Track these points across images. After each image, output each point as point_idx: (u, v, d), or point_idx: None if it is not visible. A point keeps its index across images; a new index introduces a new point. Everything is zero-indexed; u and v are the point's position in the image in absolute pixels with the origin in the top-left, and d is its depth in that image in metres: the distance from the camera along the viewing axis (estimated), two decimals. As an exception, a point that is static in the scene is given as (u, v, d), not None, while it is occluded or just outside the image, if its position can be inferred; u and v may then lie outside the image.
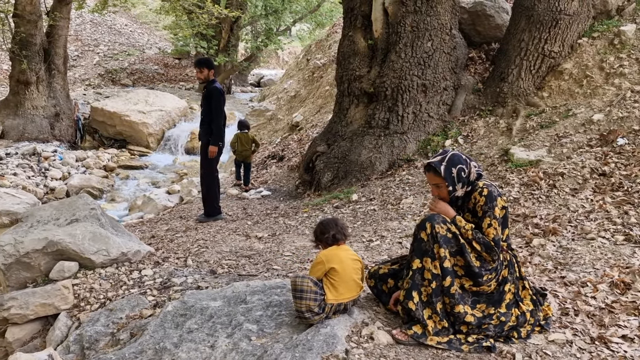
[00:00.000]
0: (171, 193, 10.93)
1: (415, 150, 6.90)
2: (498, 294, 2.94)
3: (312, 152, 7.99)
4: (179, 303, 3.35)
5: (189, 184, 11.12)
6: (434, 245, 2.85)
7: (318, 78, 12.29)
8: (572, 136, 5.55)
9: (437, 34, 6.98)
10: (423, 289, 2.88)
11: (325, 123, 10.49)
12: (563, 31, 6.58)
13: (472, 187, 2.96)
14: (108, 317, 3.65)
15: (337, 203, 6.26)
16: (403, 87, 6.99)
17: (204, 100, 6.16)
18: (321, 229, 3.10)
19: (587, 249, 3.89)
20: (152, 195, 10.35)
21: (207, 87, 6.11)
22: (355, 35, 7.50)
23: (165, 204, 10.06)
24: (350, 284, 3.01)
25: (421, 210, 5.31)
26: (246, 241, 5.30)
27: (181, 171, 13.90)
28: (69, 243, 4.21)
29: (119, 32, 30.68)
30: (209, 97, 6.08)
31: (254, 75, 30.34)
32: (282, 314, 3.16)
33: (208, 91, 6.10)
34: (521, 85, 6.74)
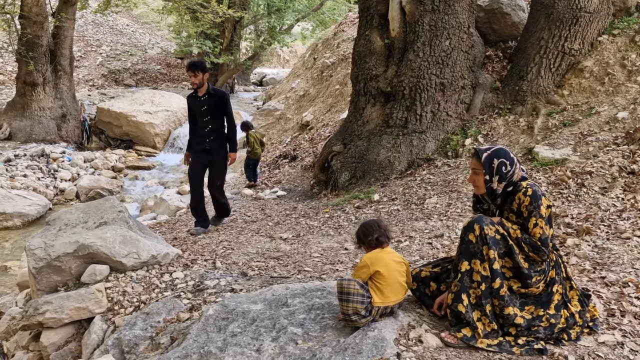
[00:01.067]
0: (182, 194, 10.89)
1: (434, 149, 6.87)
2: (546, 295, 2.92)
3: (327, 152, 7.96)
4: (220, 307, 3.33)
5: (200, 184, 11.06)
6: (482, 246, 2.82)
7: (327, 77, 12.26)
8: (597, 134, 5.53)
9: (455, 32, 6.95)
10: (472, 291, 2.85)
11: (336, 122, 10.47)
12: (583, 29, 6.55)
13: (516, 188, 2.94)
14: (145, 320, 3.62)
15: (358, 203, 6.24)
16: (421, 86, 6.96)
17: (212, 107, 5.56)
18: (364, 231, 3.08)
19: (624, 248, 3.87)
20: (164, 196, 10.32)
21: (211, 93, 5.56)
22: (371, 35, 7.47)
23: (177, 204, 10.03)
24: (396, 286, 2.99)
25: (447, 210, 5.29)
26: (271, 242, 5.28)
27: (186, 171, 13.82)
28: (100, 246, 4.18)
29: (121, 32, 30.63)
30: (221, 103, 5.59)
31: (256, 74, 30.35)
32: (325, 317, 3.14)
33: (218, 97, 5.59)
34: (541, 84, 6.72)
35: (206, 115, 5.56)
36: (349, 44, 12.92)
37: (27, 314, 3.89)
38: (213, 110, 5.56)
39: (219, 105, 5.56)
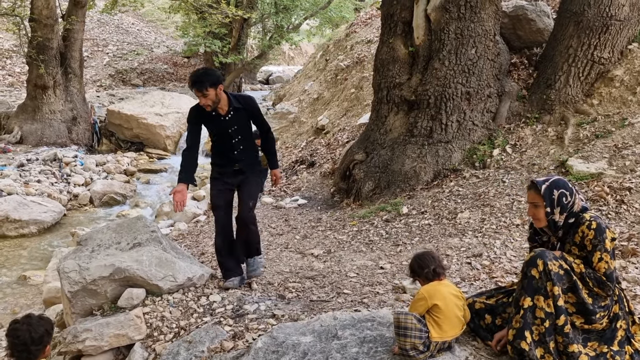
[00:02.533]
0: (197, 199, 10.83)
1: (460, 159, 6.79)
2: (610, 332, 2.84)
3: (349, 160, 7.88)
4: (269, 339, 3.25)
5: (215, 189, 10.99)
6: (546, 282, 2.74)
7: (342, 80, 12.17)
8: (633, 147, 5.44)
9: (481, 40, 6.85)
10: (535, 327, 2.77)
11: (353, 127, 10.39)
12: (613, 37, 6.45)
13: (578, 220, 2.85)
14: (188, 350, 3.56)
15: (386, 216, 6.16)
16: (447, 95, 6.87)
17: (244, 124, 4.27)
18: (419, 264, 3.00)
19: (674, 272, 3.79)
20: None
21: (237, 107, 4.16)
22: (395, 42, 7.37)
23: (194, 211, 9.97)
24: (454, 321, 2.91)
25: (481, 226, 5.21)
26: (303, 259, 5.20)
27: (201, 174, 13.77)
28: (136, 270, 4.12)
29: (127, 31, 30.58)
30: (253, 117, 4.31)
31: (262, 73, 30.27)
32: (378, 350, 3.06)
33: (248, 109, 4.24)
34: (569, 92, 6.62)
35: (236, 135, 4.22)
36: (363, 46, 12.82)
37: (66, 341, 3.83)
38: (245, 127, 4.25)
39: (252, 118, 4.29)
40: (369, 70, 11.50)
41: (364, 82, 11.29)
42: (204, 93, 3.91)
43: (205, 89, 3.90)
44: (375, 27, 13.56)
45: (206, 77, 3.93)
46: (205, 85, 3.90)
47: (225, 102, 4.10)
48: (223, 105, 4.10)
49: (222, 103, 4.08)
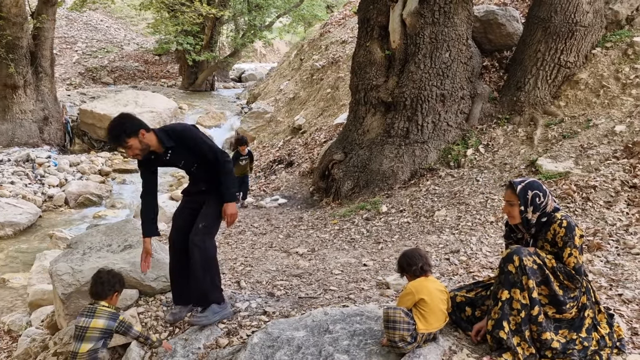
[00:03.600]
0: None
1: (436, 159, 7.07)
2: (579, 320, 3.11)
3: (328, 160, 8.08)
4: (264, 334, 3.44)
5: (193, 189, 11.05)
6: (522, 276, 2.99)
7: (318, 80, 12.36)
8: (597, 147, 5.79)
9: (455, 44, 7.13)
10: (512, 318, 3.03)
11: (330, 127, 10.60)
12: (578, 42, 6.81)
13: (550, 219, 3.11)
14: (185, 347, 3.71)
15: (366, 214, 6.38)
16: (422, 97, 7.14)
17: (189, 156, 3.69)
18: (407, 261, 3.22)
19: (636, 264, 4.10)
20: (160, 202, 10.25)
21: (171, 146, 3.59)
22: (371, 46, 7.60)
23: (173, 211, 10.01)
24: (439, 314, 3.14)
25: (457, 223, 5.48)
26: (288, 258, 5.39)
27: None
28: (129, 271, 4.24)
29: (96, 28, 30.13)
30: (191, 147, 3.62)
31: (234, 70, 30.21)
32: (368, 342, 3.27)
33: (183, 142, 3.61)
34: (538, 95, 6.96)
35: (190, 166, 3.80)
36: (338, 46, 13.03)
37: (63, 342, 3.94)
38: (192, 157, 3.69)
39: (192, 148, 3.62)
40: (344, 71, 11.73)
41: (339, 82, 11.51)
42: (125, 146, 3.47)
43: (124, 142, 3.44)
44: (350, 28, 13.80)
45: (121, 130, 3.44)
46: (122, 138, 3.43)
47: (156, 143, 3.54)
48: (157, 147, 3.57)
49: (154, 145, 3.54)
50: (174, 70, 26.48)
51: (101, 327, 3.29)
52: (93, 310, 3.32)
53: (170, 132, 3.61)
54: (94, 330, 3.28)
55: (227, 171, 3.66)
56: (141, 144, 3.47)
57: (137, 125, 3.48)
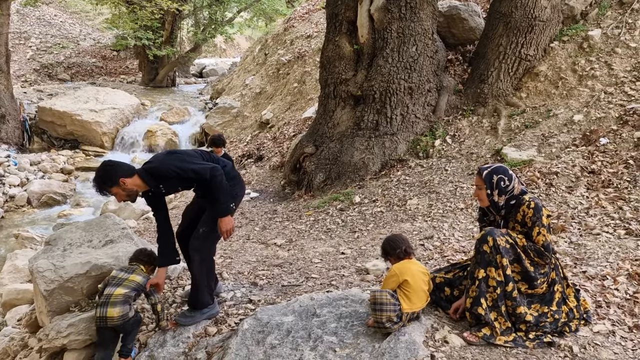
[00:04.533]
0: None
1: (405, 150, 7.29)
2: (549, 295, 3.36)
3: (299, 153, 8.21)
4: (254, 320, 3.55)
5: (161, 186, 10.99)
6: (496, 255, 3.21)
7: (284, 75, 12.44)
8: (558, 136, 6.11)
9: (421, 39, 7.36)
10: (489, 295, 3.24)
11: (298, 121, 10.71)
12: (537, 36, 7.13)
13: (519, 201, 3.34)
14: (174, 337, 3.78)
15: (340, 205, 6.55)
16: (391, 90, 7.34)
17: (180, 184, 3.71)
18: (391, 245, 3.40)
19: (596, 244, 4.40)
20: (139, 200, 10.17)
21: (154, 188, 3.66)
22: (340, 40, 7.75)
23: (143, 208, 9.98)
24: (421, 294, 3.33)
25: (429, 211, 5.70)
26: (267, 249, 5.50)
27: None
28: (113, 266, 4.26)
29: (49, 23, 29.28)
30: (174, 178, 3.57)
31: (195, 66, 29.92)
32: (354, 324, 3.44)
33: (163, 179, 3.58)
34: (500, 87, 7.26)
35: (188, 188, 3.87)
36: (303, 41, 13.13)
37: (49, 337, 3.94)
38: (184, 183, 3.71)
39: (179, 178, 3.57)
40: (310, 65, 11.86)
41: (306, 76, 11.63)
42: (111, 194, 3.55)
43: (107, 192, 3.53)
44: (314, 23, 13.92)
45: (101, 182, 3.47)
46: (105, 189, 3.50)
47: (142, 185, 3.58)
48: (144, 188, 3.62)
49: (141, 187, 3.60)
50: (133, 66, 26.01)
51: (137, 282, 3.78)
52: (133, 269, 3.90)
53: (153, 172, 3.56)
54: (131, 282, 3.76)
55: (218, 186, 3.58)
56: (125, 191, 3.51)
57: (117, 175, 3.45)
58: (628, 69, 6.56)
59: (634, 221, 4.62)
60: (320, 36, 12.89)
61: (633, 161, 5.36)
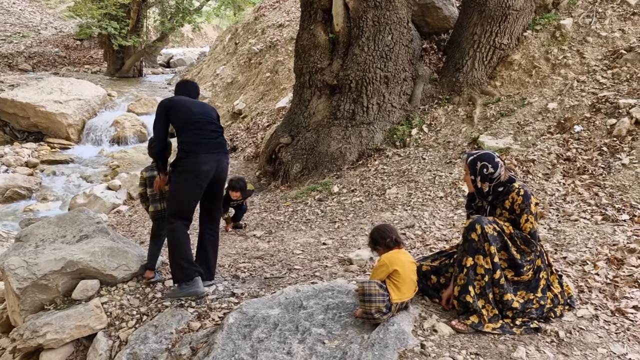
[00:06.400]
0: (113, 189, 10.55)
1: (382, 139, 7.27)
2: (535, 281, 3.38)
3: (274, 144, 8.11)
4: (239, 314, 3.48)
5: (132, 177, 10.79)
6: (484, 243, 3.21)
7: (256, 64, 12.27)
8: (533, 124, 6.18)
9: (396, 27, 7.33)
10: (476, 282, 3.25)
11: (272, 111, 10.59)
12: (511, 25, 7.19)
13: (508, 188, 3.35)
14: (156, 333, 3.68)
15: (318, 196, 6.50)
16: (367, 79, 7.30)
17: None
18: (381, 235, 3.37)
19: (575, 230, 4.47)
20: (98, 192, 9.93)
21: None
22: (315, 29, 7.66)
23: (113, 201, 9.76)
24: (410, 284, 3.31)
25: (408, 200, 5.70)
26: (247, 241, 5.42)
27: (111, 163, 13.36)
28: (89, 261, 4.13)
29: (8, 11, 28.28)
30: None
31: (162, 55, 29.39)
32: (342, 315, 3.40)
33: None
34: (475, 75, 7.31)
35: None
36: (275, 30, 12.97)
37: (24, 337, 3.79)
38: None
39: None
40: (283, 55, 11.73)
41: (279, 66, 11.49)
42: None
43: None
44: (285, 11, 13.76)
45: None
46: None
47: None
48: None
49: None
50: (97, 55, 25.34)
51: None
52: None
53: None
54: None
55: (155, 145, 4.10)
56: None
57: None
58: (599, 58, 6.68)
59: (610, 207, 4.71)
60: (292, 25, 12.76)
61: (607, 148, 5.46)
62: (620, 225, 4.41)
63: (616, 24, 6.95)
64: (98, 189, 10.34)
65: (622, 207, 4.65)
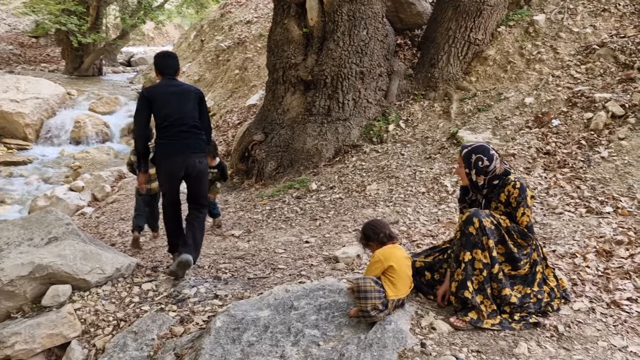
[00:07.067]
0: (76, 190, 10.12)
1: (359, 135, 7.16)
2: (531, 275, 3.31)
3: (247, 141, 7.90)
4: (227, 317, 3.29)
5: (96, 178, 10.38)
6: (482, 237, 3.12)
7: (224, 61, 11.99)
8: (511, 119, 6.17)
9: (371, 22, 7.23)
10: (475, 278, 3.15)
11: (241, 109, 10.35)
12: (486, 20, 7.19)
13: (504, 181, 3.27)
14: (136, 340, 3.46)
15: (296, 193, 6.33)
16: (342, 75, 7.17)
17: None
18: (373, 230, 3.23)
19: (561, 223, 4.45)
20: (60, 194, 9.50)
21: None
22: (289, 23, 7.48)
23: (77, 203, 9.36)
24: (406, 280, 3.19)
25: (390, 196, 5.60)
26: (225, 241, 5.21)
27: (73, 164, 12.85)
28: (60, 265, 3.86)
29: (-44, 8, 27.03)
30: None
31: (122, 54, 28.66)
32: (335, 315, 3.25)
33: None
34: (450, 71, 7.28)
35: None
36: (243, 27, 12.72)
37: (-10, 349, 3.50)
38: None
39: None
40: (252, 51, 11.50)
41: (248, 63, 11.26)
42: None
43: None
44: (252, 8, 13.52)
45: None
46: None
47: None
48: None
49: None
50: (55, 54, 24.47)
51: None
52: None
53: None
54: None
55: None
56: None
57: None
58: (572, 53, 6.74)
59: (593, 199, 4.72)
60: (260, 22, 12.54)
61: (585, 141, 5.49)
62: (604, 218, 4.41)
63: (587, 20, 7.04)
64: (60, 191, 9.89)
65: (605, 199, 4.66)
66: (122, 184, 9.52)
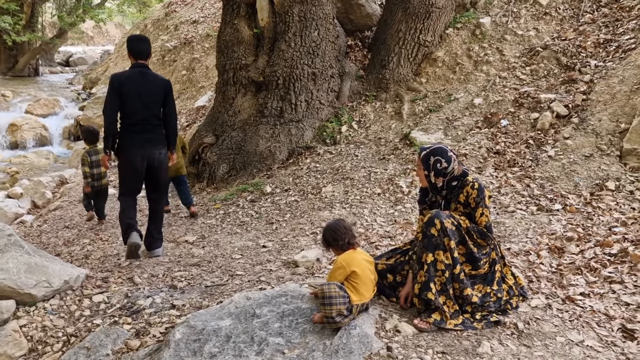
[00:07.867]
0: (14, 197, 9.61)
1: (312, 137, 7.13)
2: (490, 274, 3.37)
3: (198, 144, 7.72)
4: (187, 328, 3.16)
5: (36, 184, 9.88)
6: (444, 238, 3.14)
7: (171, 62, 11.68)
8: (461, 119, 6.30)
9: (323, 23, 7.21)
10: (437, 279, 3.17)
11: (190, 110, 10.12)
12: (434, 22, 7.31)
13: (462, 182, 3.31)
14: (88, 356, 3.27)
15: (250, 196, 6.23)
16: (295, 76, 7.12)
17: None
18: (333, 236, 3.19)
19: (514, 221, 4.56)
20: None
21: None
22: (239, 24, 7.36)
23: (16, 211, 8.86)
24: (369, 284, 3.18)
25: (346, 198, 5.59)
26: (179, 247, 5.05)
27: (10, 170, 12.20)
28: (3, 280, 3.61)
29: None
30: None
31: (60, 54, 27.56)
32: (299, 321, 3.19)
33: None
34: (401, 72, 7.36)
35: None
36: (189, 26, 12.44)
37: None
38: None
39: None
40: (199, 52, 11.26)
41: (195, 63, 11.02)
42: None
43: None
44: (199, 8, 13.25)
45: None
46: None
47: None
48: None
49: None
50: (-13, 54, 23.11)
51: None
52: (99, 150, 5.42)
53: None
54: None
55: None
56: None
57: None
58: (517, 55, 6.96)
59: (543, 197, 4.87)
60: (207, 22, 12.31)
61: (532, 141, 5.67)
62: (554, 215, 4.56)
63: (530, 23, 7.28)
64: (-5, 200, 9.35)
65: (554, 197, 4.82)
66: (64, 190, 9.10)
